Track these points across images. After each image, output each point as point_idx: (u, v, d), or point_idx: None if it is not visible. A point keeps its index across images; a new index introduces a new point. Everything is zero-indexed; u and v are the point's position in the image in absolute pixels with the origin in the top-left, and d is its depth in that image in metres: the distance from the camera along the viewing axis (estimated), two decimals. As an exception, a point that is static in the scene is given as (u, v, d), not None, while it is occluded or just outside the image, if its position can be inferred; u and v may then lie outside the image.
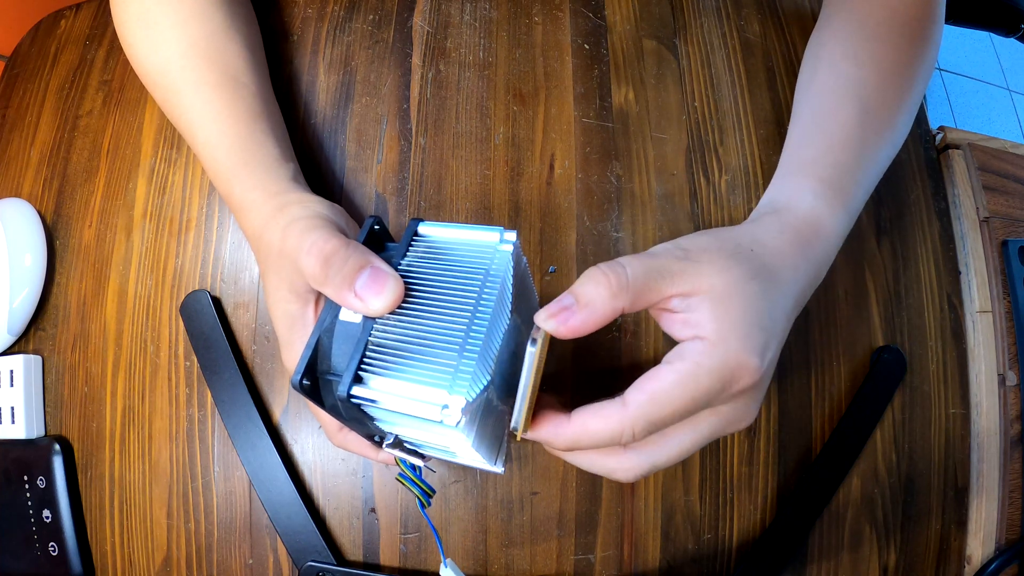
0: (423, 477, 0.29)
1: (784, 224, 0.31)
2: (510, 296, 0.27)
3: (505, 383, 0.28)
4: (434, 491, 0.30)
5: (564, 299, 0.26)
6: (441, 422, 0.23)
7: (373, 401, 0.24)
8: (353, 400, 0.24)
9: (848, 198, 0.34)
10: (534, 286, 0.30)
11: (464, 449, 0.25)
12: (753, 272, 0.28)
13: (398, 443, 0.27)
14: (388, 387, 0.24)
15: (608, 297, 0.26)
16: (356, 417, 0.26)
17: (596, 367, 0.40)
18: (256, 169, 0.35)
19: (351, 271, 0.26)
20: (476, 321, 0.25)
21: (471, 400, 0.23)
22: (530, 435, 0.27)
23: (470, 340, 0.24)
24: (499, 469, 0.29)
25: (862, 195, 0.35)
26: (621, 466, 0.27)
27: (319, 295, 0.32)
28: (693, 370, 0.25)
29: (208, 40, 0.39)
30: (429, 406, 0.23)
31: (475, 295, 0.25)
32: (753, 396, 0.27)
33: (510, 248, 0.27)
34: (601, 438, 0.26)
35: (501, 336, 0.26)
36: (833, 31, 0.40)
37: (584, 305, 0.26)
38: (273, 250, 0.31)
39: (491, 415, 0.27)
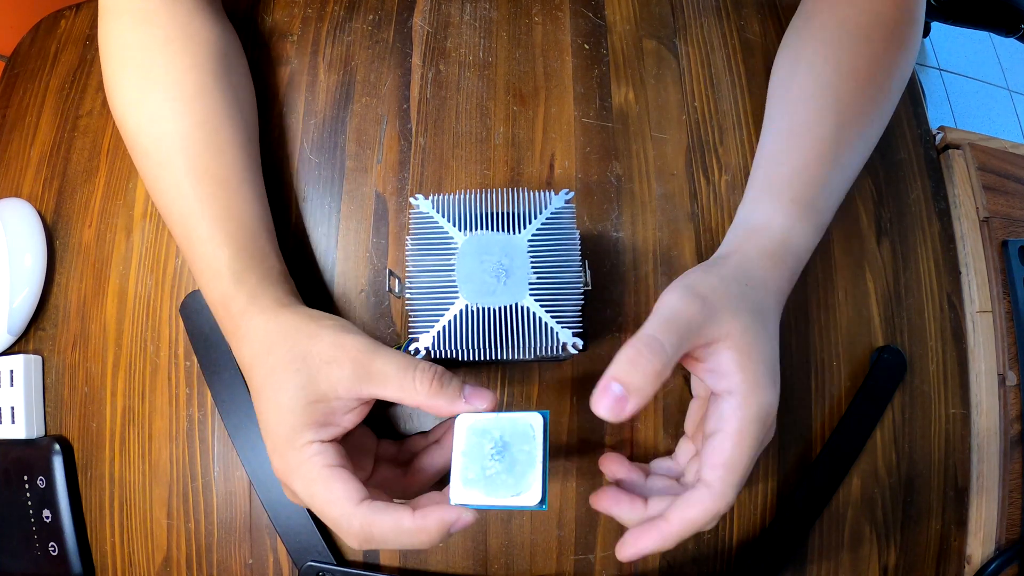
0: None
1: (762, 249, 0.35)
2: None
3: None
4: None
5: (613, 388, 0.28)
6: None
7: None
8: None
9: (818, 215, 0.37)
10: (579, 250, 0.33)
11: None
12: (756, 312, 0.31)
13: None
14: None
15: (655, 378, 0.28)
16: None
17: (598, 369, 0.40)
18: (263, 280, 0.35)
19: (455, 390, 0.30)
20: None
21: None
22: (638, 553, 0.29)
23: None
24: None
25: (833, 206, 0.38)
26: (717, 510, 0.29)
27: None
28: (742, 427, 0.29)
29: (207, 124, 0.37)
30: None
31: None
32: (775, 417, 0.31)
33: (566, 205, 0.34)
34: (705, 521, 0.28)
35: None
36: (813, 31, 0.41)
37: (635, 392, 0.27)
38: (312, 352, 0.31)
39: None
